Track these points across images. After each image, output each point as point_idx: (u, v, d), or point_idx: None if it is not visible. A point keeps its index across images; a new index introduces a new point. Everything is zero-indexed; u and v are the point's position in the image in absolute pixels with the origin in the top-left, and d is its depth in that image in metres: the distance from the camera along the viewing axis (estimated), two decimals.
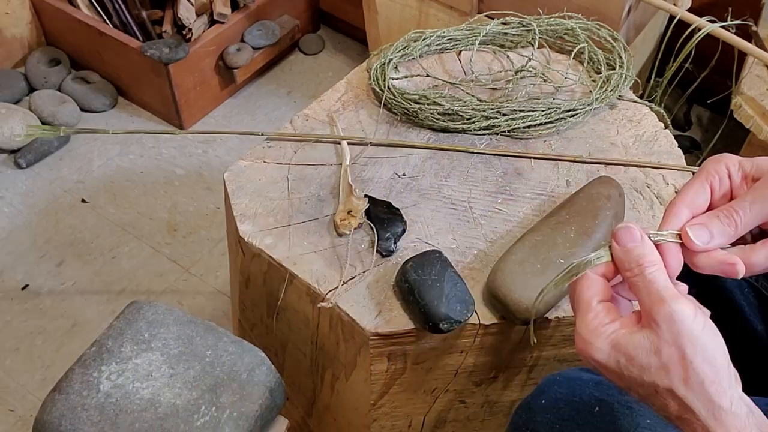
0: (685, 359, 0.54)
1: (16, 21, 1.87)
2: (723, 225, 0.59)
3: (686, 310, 0.54)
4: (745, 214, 0.59)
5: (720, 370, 0.54)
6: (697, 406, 0.54)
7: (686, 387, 0.54)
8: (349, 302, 0.87)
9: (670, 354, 0.54)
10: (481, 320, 0.86)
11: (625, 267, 0.58)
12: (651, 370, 0.54)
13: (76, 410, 0.86)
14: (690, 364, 0.54)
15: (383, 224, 0.92)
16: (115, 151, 1.78)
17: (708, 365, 0.54)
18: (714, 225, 0.59)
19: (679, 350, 0.54)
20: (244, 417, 0.87)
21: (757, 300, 0.88)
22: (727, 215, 0.59)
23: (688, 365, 0.54)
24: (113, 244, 1.60)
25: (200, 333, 0.93)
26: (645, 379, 0.55)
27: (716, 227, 0.59)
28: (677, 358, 0.54)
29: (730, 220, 0.59)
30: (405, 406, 0.98)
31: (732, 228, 0.59)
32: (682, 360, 0.54)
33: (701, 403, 0.54)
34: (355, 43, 2.05)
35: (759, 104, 1.36)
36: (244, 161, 1.01)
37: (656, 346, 0.54)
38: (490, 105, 1.05)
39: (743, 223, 0.59)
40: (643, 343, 0.55)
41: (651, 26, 1.57)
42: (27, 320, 1.48)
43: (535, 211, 0.97)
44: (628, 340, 0.55)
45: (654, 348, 0.54)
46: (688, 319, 0.54)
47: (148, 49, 1.66)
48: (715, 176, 0.61)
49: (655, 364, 0.54)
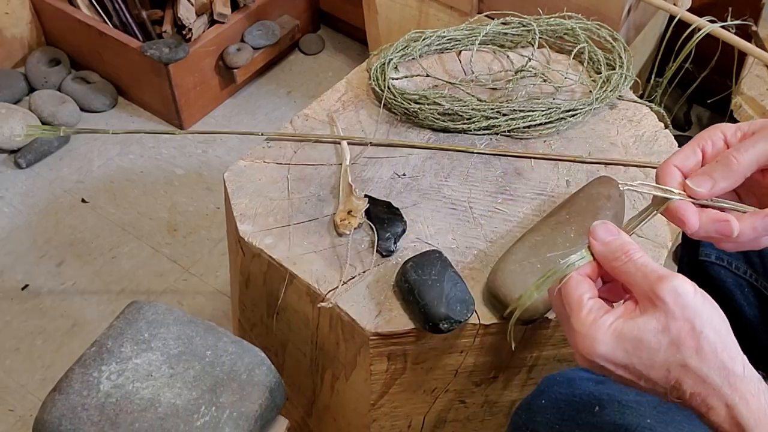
0: (695, 330, 0.53)
1: (16, 21, 1.87)
2: (723, 166, 0.58)
3: (687, 285, 0.55)
4: (742, 154, 0.58)
5: (727, 338, 0.54)
6: (712, 376, 0.53)
7: (699, 358, 0.53)
8: (349, 302, 0.87)
9: (679, 328, 0.54)
10: (481, 320, 0.86)
11: (610, 258, 0.58)
12: (661, 349, 0.54)
13: (76, 410, 0.86)
14: (700, 334, 0.53)
15: (383, 224, 0.92)
16: (115, 151, 1.78)
17: (716, 334, 0.54)
18: (713, 169, 0.58)
19: (688, 322, 0.54)
20: (244, 417, 0.87)
21: (756, 299, 0.88)
22: (725, 157, 0.58)
23: (699, 335, 0.53)
24: (113, 244, 1.60)
25: (200, 333, 0.93)
26: (655, 361, 0.54)
27: (717, 171, 0.58)
28: (687, 330, 0.54)
29: (728, 160, 0.58)
30: (405, 406, 0.98)
31: (733, 168, 0.58)
32: (692, 331, 0.54)
33: (716, 372, 0.53)
34: (355, 43, 2.05)
35: (759, 104, 1.36)
36: (244, 161, 1.01)
37: (663, 324, 0.54)
38: (490, 105, 1.05)
39: (742, 162, 0.58)
40: (649, 323, 0.54)
41: (651, 26, 1.57)
42: (27, 320, 1.48)
43: (535, 211, 0.97)
44: (632, 325, 0.55)
45: (662, 326, 0.54)
46: (690, 292, 0.54)
47: (148, 49, 1.66)
48: (707, 141, 0.61)
49: (665, 342, 0.54)
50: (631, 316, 0.56)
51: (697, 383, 0.54)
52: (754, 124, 0.60)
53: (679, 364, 0.54)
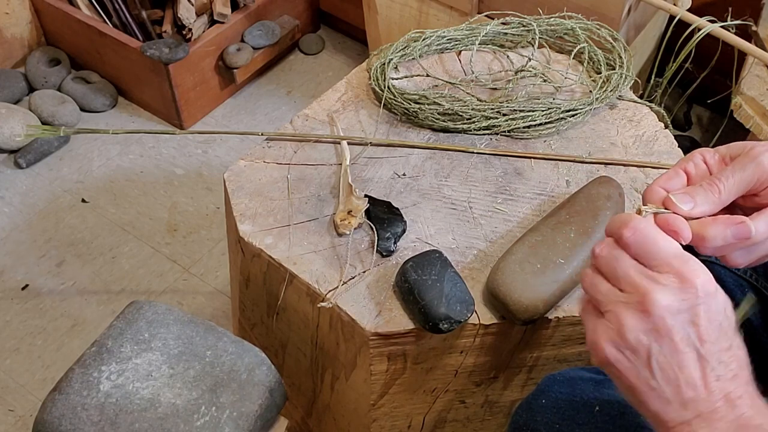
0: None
1: (16, 21, 1.87)
2: (705, 191, 0.59)
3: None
4: (727, 180, 0.59)
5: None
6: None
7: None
8: (349, 302, 0.87)
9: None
10: (481, 320, 0.86)
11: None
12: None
13: (76, 410, 0.86)
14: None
15: (383, 224, 0.92)
16: (115, 151, 1.78)
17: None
18: (696, 192, 0.59)
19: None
20: (244, 417, 0.87)
21: (757, 299, 0.88)
22: (709, 182, 0.59)
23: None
24: (113, 244, 1.60)
25: (200, 333, 0.93)
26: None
27: (699, 194, 0.59)
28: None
29: (712, 186, 0.59)
30: (405, 406, 0.98)
31: (715, 194, 0.59)
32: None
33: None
34: (355, 43, 2.05)
35: (759, 104, 1.36)
36: (244, 161, 1.01)
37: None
38: (490, 105, 1.05)
39: (726, 189, 0.59)
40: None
41: (651, 26, 1.57)
42: (27, 320, 1.48)
43: (535, 211, 0.97)
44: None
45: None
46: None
47: (148, 49, 1.66)
48: (689, 162, 0.62)
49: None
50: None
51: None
52: (731, 148, 0.61)
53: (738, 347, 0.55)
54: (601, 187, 0.93)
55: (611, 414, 0.74)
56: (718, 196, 0.59)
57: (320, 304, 0.88)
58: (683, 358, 0.54)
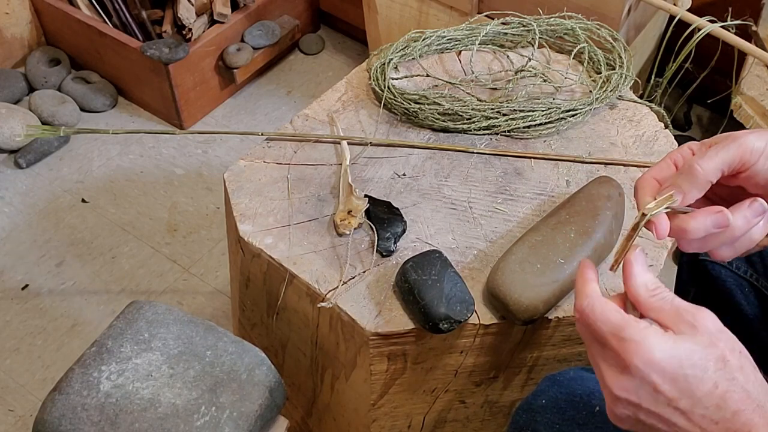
0: (734, 349, 0.55)
1: (16, 21, 1.87)
2: (687, 176, 0.60)
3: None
4: (705, 161, 0.60)
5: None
6: (755, 392, 0.55)
7: (744, 375, 0.55)
8: (349, 302, 0.87)
9: (723, 347, 0.55)
10: (481, 320, 0.86)
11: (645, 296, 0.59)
12: (710, 363, 0.55)
13: (76, 410, 0.86)
14: (740, 352, 0.56)
15: (383, 224, 0.92)
16: (115, 151, 1.78)
17: (748, 356, 0.57)
18: (680, 180, 0.60)
19: (729, 342, 0.56)
20: (244, 417, 0.87)
21: (757, 299, 0.88)
22: (689, 166, 0.60)
23: (740, 353, 0.56)
24: (113, 244, 1.60)
25: (200, 333, 0.93)
26: (706, 374, 0.54)
27: (682, 180, 0.60)
28: (729, 349, 0.55)
29: (692, 168, 0.60)
30: (405, 406, 0.98)
31: (698, 175, 0.59)
32: (733, 351, 0.55)
33: (757, 388, 0.55)
34: (355, 43, 2.05)
35: (759, 104, 1.36)
36: (244, 161, 1.01)
37: (709, 341, 0.55)
38: (490, 105, 1.05)
39: (706, 169, 0.59)
40: (696, 338, 0.55)
41: (651, 26, 1.57)
42: (27, 320, 1.48)
43: (535, 211, 0.97)
44: (683, 338, 0.55)
45: (708, 341, 0.55)
46: (719, 321, 0.57)
47: (148, 49, 1.66)
48: (677, 155, 0.63)
49: (714, 356, 0.55)
50: (674, 333, 0.55)
51: (743, 398, 0.54)
52: (717, 138, 0.62)
53: (726, 378, 0.54)
54: (601, 187, 0.93)
55: None
56: (701, 177, 0.59)
57: (320, 304, 0.88)
58: (669, 416, 0.55)
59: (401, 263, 0.87)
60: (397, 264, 0.89)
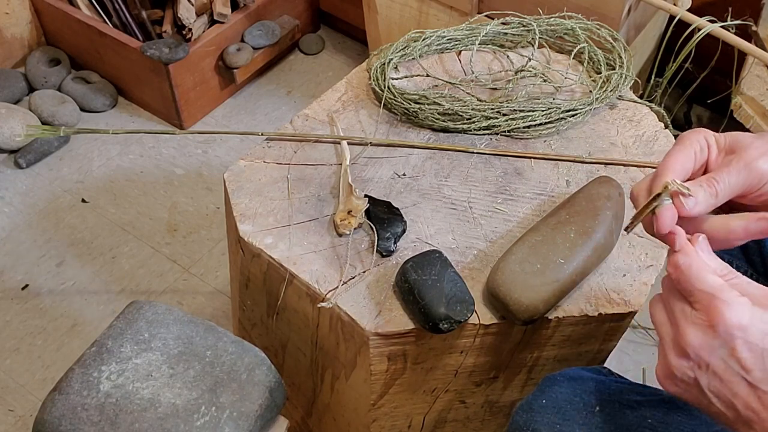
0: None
1: (16, 21, 1.87)
2: (706, 193, 0.61)
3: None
4: (724, 184, 0.61)
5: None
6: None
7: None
8: (349, 302, 0.87)
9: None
10: (481, 320, 0.86)
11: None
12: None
13: (76, 410, 0.86)
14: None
15: (383, 224, 0.92)
16: (115, 151, 1.78)
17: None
18: (699, 192, 0.61)
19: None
20: (244, 417, 0.88)
21: None
22: (709, 184, 0.61)
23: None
24: (113, 244, 1.60)
25: (200, 333, 0.93)
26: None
27: (700, 194, 0.61)
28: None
29: (712, 188, 0.61)
30: (405, 406, 0.98)
31: (713, 197, 0.61)
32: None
33: None
34: (355, 43, 2.05)
35: (759, 104, 1.36)
36: (244, 161, 1.01)
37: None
38: (490, 105, 1.05)
39: (722, 192, 0.61)
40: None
41: (651, 26, 1.57)
42: (27, 320, 1.48)
43: (535, 211, 0.97)
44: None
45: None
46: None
47: (148, 49, 1.66)
48: (697, 145, 0.63)
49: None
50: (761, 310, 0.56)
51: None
52: (730, 138, 0.63)
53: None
54: (601, 187, 0.93)
55: (611, 414, 0.74)
56: (715, 200, 0.61)
57: (320, 304, 0.88)
58: (733, 386, 0.56)
59: (401, 263, 0.87)
60: (397, 264, 0.89)
